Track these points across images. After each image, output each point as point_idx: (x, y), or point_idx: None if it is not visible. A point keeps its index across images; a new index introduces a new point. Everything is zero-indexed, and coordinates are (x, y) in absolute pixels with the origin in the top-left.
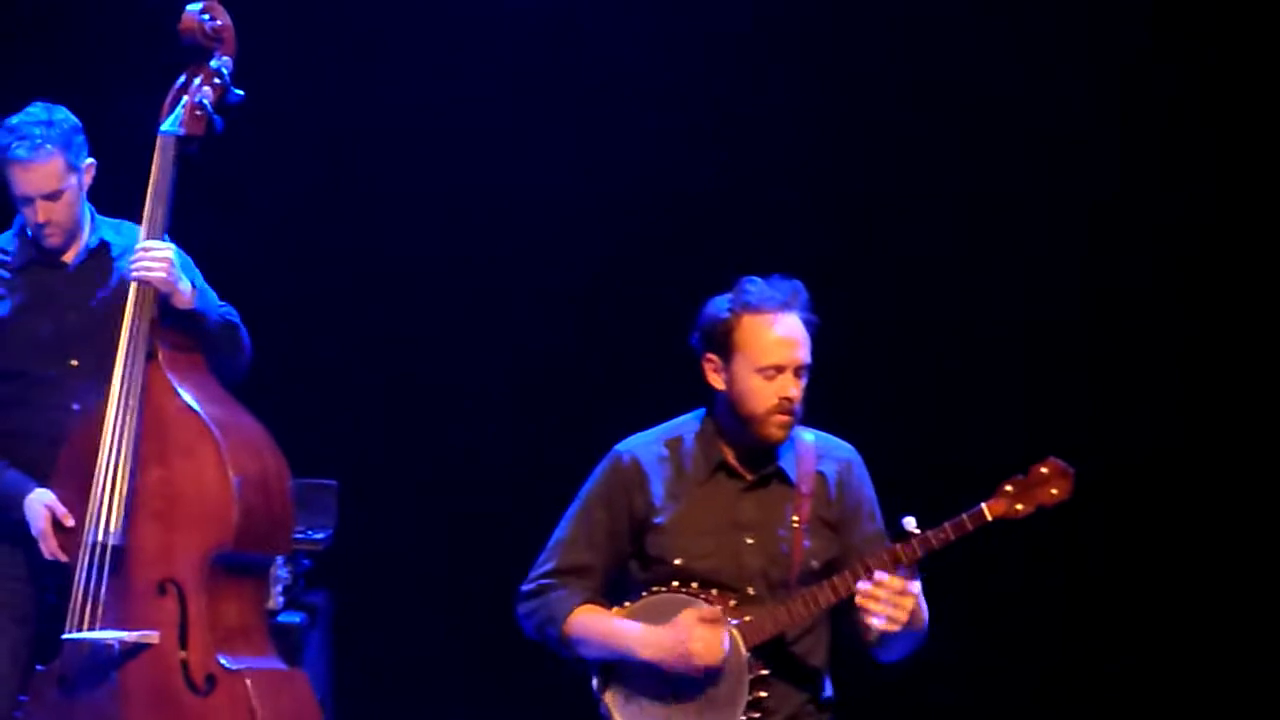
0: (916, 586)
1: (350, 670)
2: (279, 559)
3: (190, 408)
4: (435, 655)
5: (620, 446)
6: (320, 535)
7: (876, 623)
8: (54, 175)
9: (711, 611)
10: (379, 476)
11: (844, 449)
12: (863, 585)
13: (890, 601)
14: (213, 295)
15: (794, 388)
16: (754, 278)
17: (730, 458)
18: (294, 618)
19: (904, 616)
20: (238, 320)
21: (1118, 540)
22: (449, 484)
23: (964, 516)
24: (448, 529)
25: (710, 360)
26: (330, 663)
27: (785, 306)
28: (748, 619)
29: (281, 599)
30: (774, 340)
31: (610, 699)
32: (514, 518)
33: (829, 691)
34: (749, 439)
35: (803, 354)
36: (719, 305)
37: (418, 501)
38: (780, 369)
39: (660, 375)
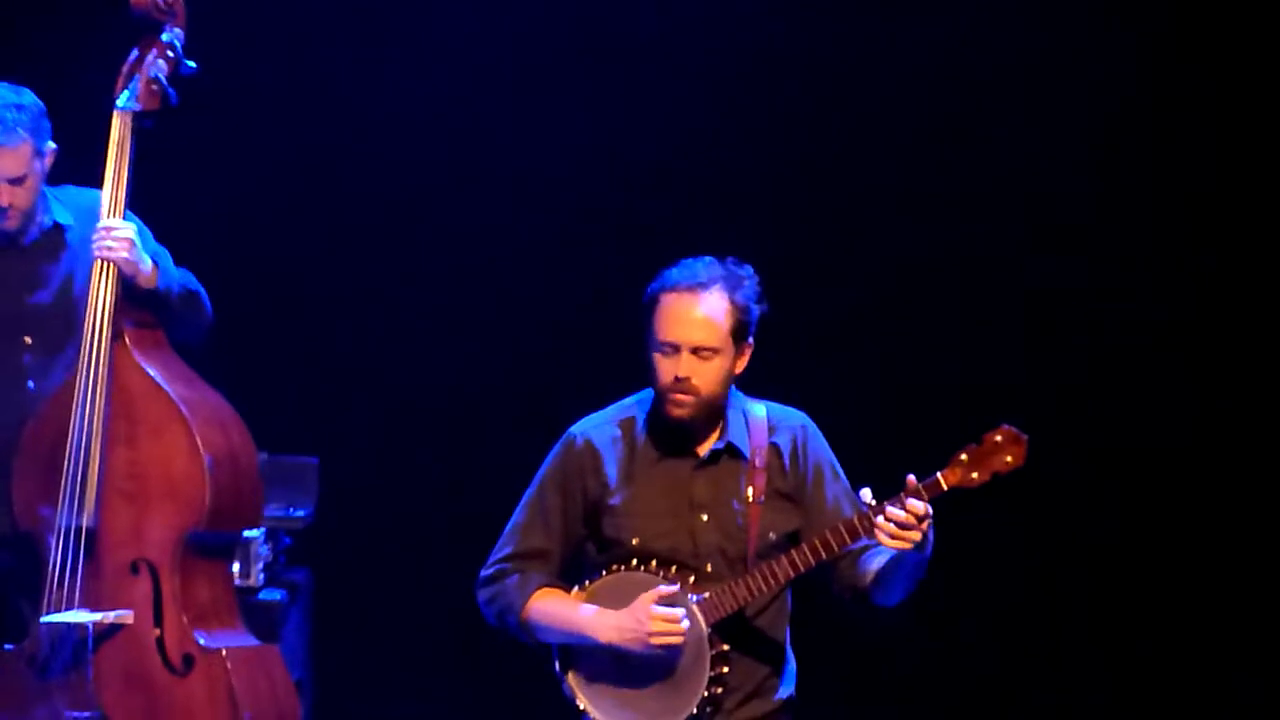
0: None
1: (330, 647)
2: (260, 536)
3: (158, 386)
4: (415, 633)
5: (573, 428)
6: (301, 513)
7: (891, 542)
8: (23, 160)
9: (670, 591)
10: (360, 454)
11: (796, 417)
12: (877, 519)
13: (898, 533)
14: (168, 261)
15: (687, 368)
16: (699, 258)
17: (681, 436)
18: (274, 595)
19: (909, 545)
20: (197, 286)
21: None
22: (429, 462)
23: (919, 487)
24: (428, 507)
25: (644, 334)
26: (310, 640)
27: (700, 287)
28: (706, 596)
29: (262, 576)
30: (671, 317)
31: (573, 680)
32: (493, 495)
33: (791, 671)
34: (662, 417)
35: (703, 335)
36: (654, 280)
37: (398, 479)
38: (675, 347)
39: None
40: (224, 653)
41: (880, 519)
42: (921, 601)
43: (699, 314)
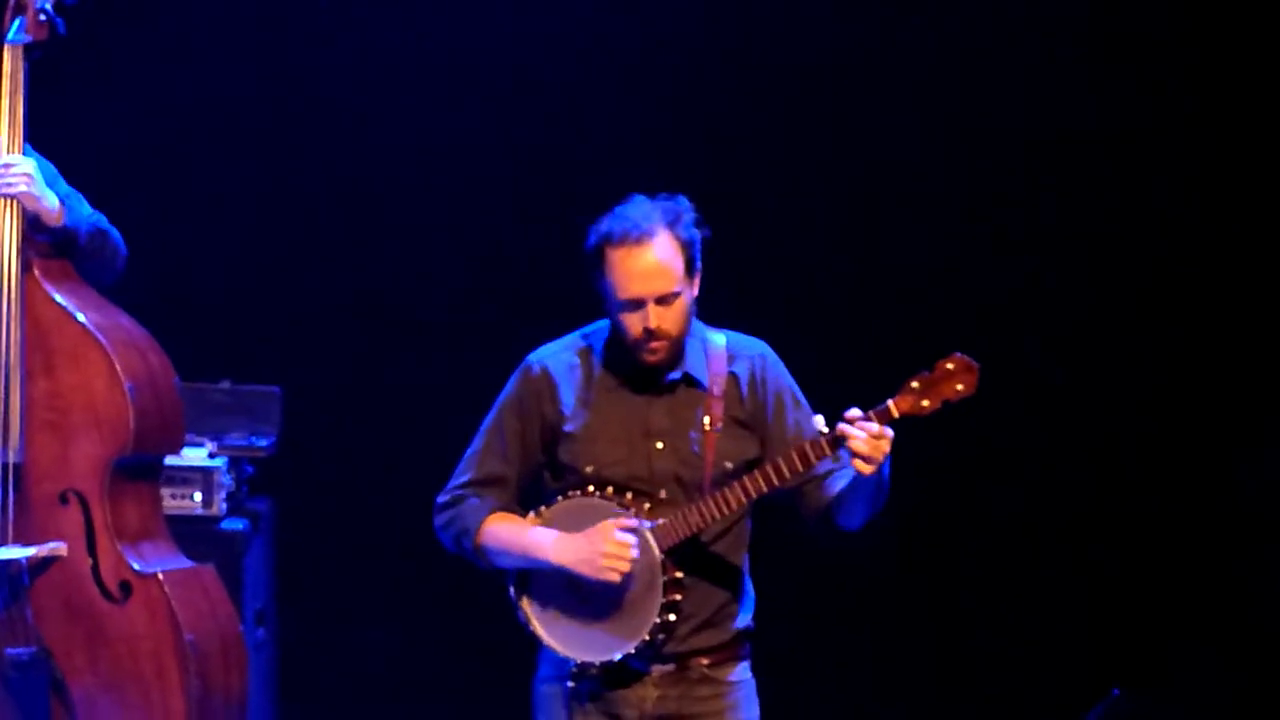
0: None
1: (293, 576)
2: (223, 465)
3: (71, 316)
4: (377, 562)
5: (531, 356)
6: (264, 442)
7: (856, 463)
8: None
9: (626, 520)
10: (322, 383)
11: (755, 346)
12: (844, 425)
13: (868, 443)
14: (79, 202)
15: (656, 318)
16: (632, 198)
17: (638, 366)
18: (237, 524)
19: (879, 458)
20: (108, 226)
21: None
22: (393, 391)
23: (870, 414)
24: (390, 435)
25: (593, 284)
26: (273, 569)
27: (646, 235)
28: (661, 522)
29: (225, 505)
30: (630, 273)
31: (527, 605)
32: (454, 423)
33: (750, 601)
34: (636, 363)
35: (664, 283)
36: (592, 231)
37: (361, 409)
38: (639, 301)
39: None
40: (160, 576)
41: (841, 431)
42: (882, 531)
43: (654, 263)
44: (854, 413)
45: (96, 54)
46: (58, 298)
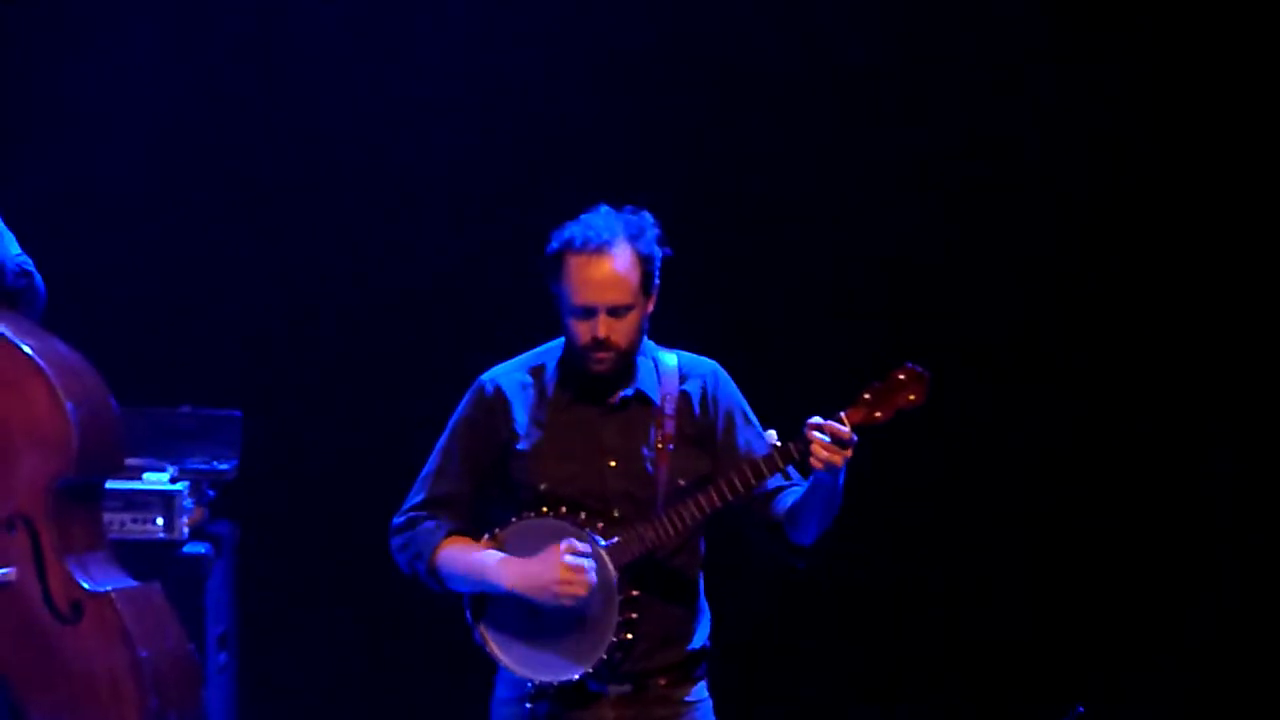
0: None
1: (254, 600)
2: (184, 489)
3: (9, 342)
4: (338, 586)
5: (483, 376)
6: (225, 466)
7: (816, 464)
8: None
9: (578, 540)
10: (283, 407)
11: (706, 365)
12: (809, 427)
13: (829, 448)
14: (10, 243)
15: (605, 328)
16: (597, 208)
17: (590, 384)
18: (199, 548)
19: (839, 463)
20: (32, 269)
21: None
22: (354, 414)
23: (823, 423)
24: (353, 459)
25: (550, 290)
26: (234, 593)
27: (606, 245)
28: (615, 540)
29: (186, 530)
30: (584, 281)
31: (484, 630)
32: (416, 447)
33: (705, 620)
34: (583, 372)
35: (618, 295)
36: (554, 237)
37: (322, 432)
38: (591, 310)
39: None
40: (111, 593)
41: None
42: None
43: (610, 273)
44: (815, 420)
45: (41, 81)
46: None
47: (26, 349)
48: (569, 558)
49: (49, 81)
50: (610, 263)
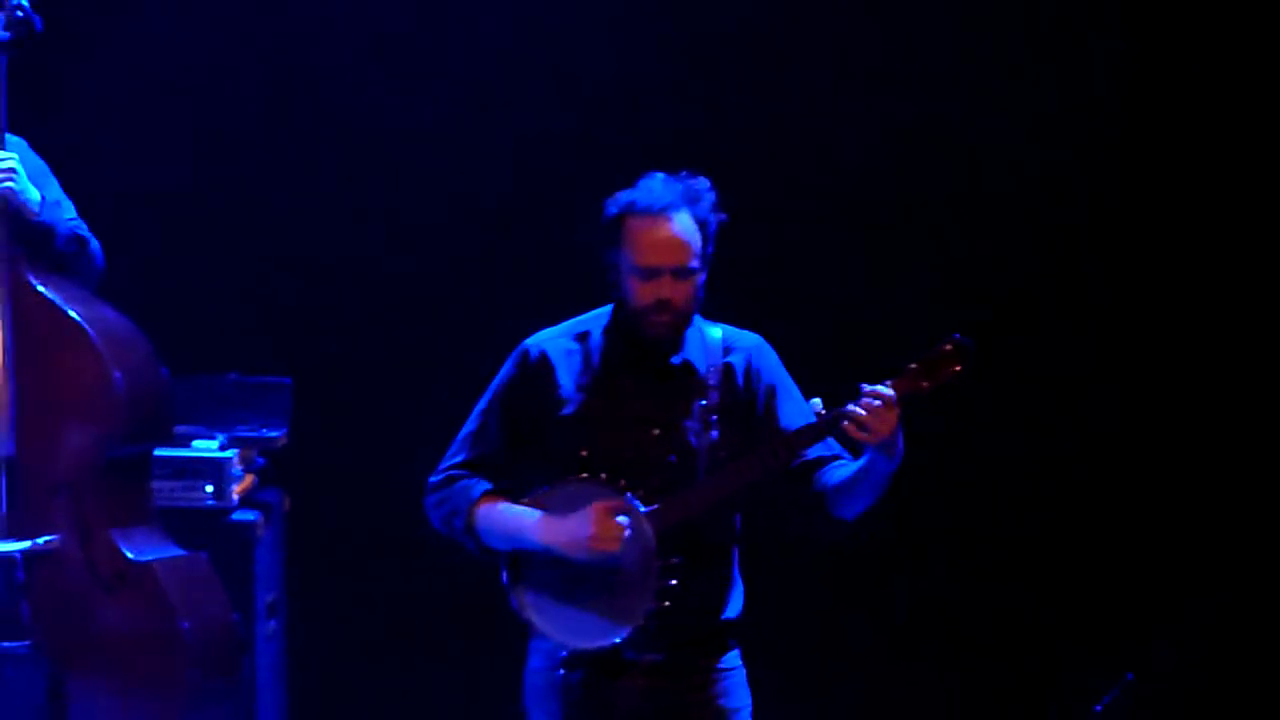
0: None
1: (303, 568)
2: (234, 457)
3: (60, 309)
4: (387, 554)
5: (528, 341)
6: (275, 434)
7: (860, 434)
8: None
9: (617, 502)
10: (332, 374)
11: (750, 339)
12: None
13: (876, 412)
14: (67, 208)
15: (670, 289)
16: (653, 175)
17: (636, 352)
18: (248, 516)
19: (885, 430)
20: (87, 234)
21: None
22: (403, 381)
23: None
24: (402, 426)
25: (607, 256)
26: (283, 560)
27: (670, 208)
28: (656, 507)
29: (235, 497)
30: (651, 243)
31: (520, 591)
32: (466, 414)
33: (739, 593)
34: (638, 335)
35: (682, 256)
36: (612, 203)
37: (371, 399)
38: (656, 271)
39: None
40: (154, 564)
41: (854, 407)
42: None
43: (673, 236)
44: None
45: (84, 46)
46: (46, 291)
47: (74, 315)
48: (606, 515)
49: (102, 40)
50: (672, 225)
